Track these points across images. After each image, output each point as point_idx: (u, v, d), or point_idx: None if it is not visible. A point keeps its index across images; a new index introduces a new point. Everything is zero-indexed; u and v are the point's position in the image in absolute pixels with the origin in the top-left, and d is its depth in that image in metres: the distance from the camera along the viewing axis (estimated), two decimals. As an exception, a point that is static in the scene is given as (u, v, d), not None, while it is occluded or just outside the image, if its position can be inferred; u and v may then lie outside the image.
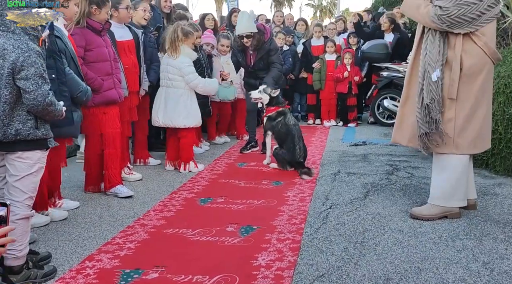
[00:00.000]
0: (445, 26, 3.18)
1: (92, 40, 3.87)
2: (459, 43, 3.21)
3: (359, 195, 3.94)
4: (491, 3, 3.16)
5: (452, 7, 3.13)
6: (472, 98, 3.24)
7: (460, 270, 2.60)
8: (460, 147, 3.30)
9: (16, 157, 2.44)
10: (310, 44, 7.97)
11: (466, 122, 3.26)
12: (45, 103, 2.39)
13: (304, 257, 2.80)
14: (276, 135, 5.04)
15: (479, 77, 3.23)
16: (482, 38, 3.19)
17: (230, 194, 4.06)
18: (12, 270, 2.47)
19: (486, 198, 3.80)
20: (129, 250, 2.93)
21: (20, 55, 2.31)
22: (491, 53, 3.23)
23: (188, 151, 4.91)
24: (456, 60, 3.20)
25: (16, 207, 2.42)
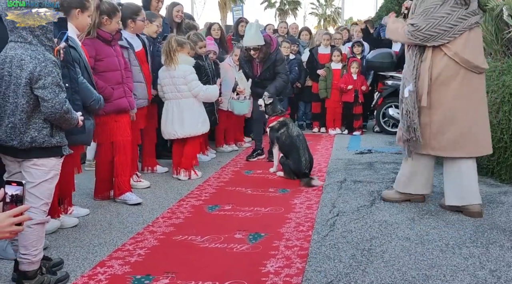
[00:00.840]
0: (419, 41, 3.51)
1: (102, 50, 3.94)
2: (429, 55, 3.52)
3: (365, 203, 3.97)
4: (462, 16, 3.41)
5: (422, 22, 3.45)
6: (446, 105, 3.53)
7: (467, 277, 2.62)
8: (435, 149, 3.63)
9: (32, 164, 2.50)
10: (317, 51, 8.03)
11: (442, 127, 3.56)
12: (62, 110, 2.46)
13: (312, 264, 2.83)
14: (280, 146, 5.08)
15: (451, 85, 3.49)
16: (452, 48, 3.45)
17: (237, 202, 4.10)
18: (26, 275, 2.51)
19: (492, 206, 3.82)
20: (139, 256, 2.97)
21: (37, 65, 2.38)
22: (463, 61, 3.46)
23: (191, 159, 4.96)
24: (425, 71, 3.53)
25: (32, 212, 2.46)
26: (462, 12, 3.41)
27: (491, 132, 4.35)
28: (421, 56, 3.56)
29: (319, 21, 52.13)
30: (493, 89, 4.48)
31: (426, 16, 3.45)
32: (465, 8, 3.43)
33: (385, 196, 4.04)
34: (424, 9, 3.48)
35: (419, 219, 3.56)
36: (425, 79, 3.51)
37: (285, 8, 51.30)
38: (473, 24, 3.46)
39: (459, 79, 3.48)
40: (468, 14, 3.42)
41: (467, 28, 3.43)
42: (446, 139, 3.55)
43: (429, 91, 3.53)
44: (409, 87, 3.57)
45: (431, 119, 3.59)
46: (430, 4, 3.46)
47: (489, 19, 4.88)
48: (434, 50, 3.51)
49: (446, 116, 3.54)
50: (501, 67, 4.64)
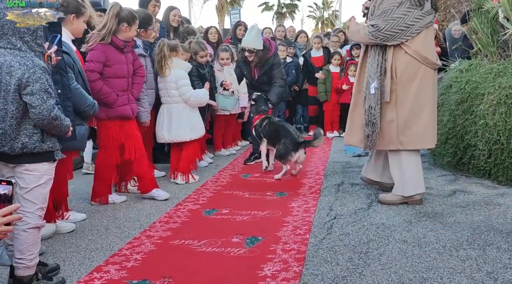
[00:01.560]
0: (379, 40, 3.72)
1: (112, 57, 3.99)
2: (391, 54, 3.75)
3: (363, 206, 3.97)
4: (418, 16, 3.67)
5: (381, 23, 3.68)
6: (410, 101, 3.76)
7: (464, 279, 2.62)
8: (404, 143, 3.80)
9: (24, 170, 2.50)
10: (310, 55, 8.06)
11: (408, 122, 3.77)
12: (50, 117, 2.45)
13: (310, 267, 2.82)
14: (269, 135, 5.25)
15: (414, 82, 3.75)
16: (412, 46, 3.70)
17: (234, 205, 4.10)
18: (22, 281, 2.50)
19: (489, 208, 3.82)
20: (136, 261, 2.96)
21: (26, 72, 2.38)
22: (422, 59, 3.72)
23: (188, 163, 4.96)
24: (388, 69, 3.75)
25: (28, 217, 2.48)
26: (417, 13, 3.67)
27: (488, 134, 4.40)
28: (383, 55, 3.78)
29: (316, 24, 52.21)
30: (489, 91, 4.49)
31: (385, 17, 3.68)
32: (420, 8, 3.69)
33: (382, 200, 4.05)
34: (383, 11, 3.71)
35: (416, 221, 3.56)
36: (388, 76, 3.74)
37: (283, 11, 51.39)
38: (428, 23, 3.74)
39: (420, 76, 3.74)
40: (423, 14, 3.69)
41: (424, 27, 3.70)
42: (414, 133, 3.78)
43: (394, 88, 3.75)
44: (374, 84, 3.76)
45: (397, 115, 3.78)
46: (388, 6, 3.69)
47: (484, 21, 4.89)
48: (395, 48, 3.74)
49: (411, 111, 3.76)
50: (497, 69, 4.65)
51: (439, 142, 5.01)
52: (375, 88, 3.75)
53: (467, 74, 4.90)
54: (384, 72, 3.77)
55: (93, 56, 3.92)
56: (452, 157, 4.89)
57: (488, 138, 4.40)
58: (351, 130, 4.09)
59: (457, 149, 4.81)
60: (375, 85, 3.75)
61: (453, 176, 4.80)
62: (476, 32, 5.05)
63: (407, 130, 3.78)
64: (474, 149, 4.60)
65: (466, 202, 3.96)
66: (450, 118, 4.83)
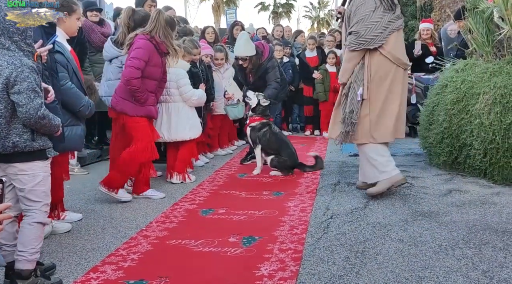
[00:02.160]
0: (362, 46, 3.96)
1: (153, 58, 4.16)
2: (367, 55, 4.01)
3: (359, 205, 3.98)
4: (390, 19, 3.94)
5: (361, 30, 3.93)
6: (382, 98, 4.03)
7: (460, 278, 2.63)
8: (376, 137, 4.08)
9: (18, 171, 2.51)
10: (305, 56, 8.07)
11: (379, 117, 4.04)
12: (37, 116, 2.45)
13: (306, 266, 2.83)
14: (266, 144, 5.20)
15: (386, 81, 4.03)
16: (386, 48, 3.97)
17: (231, 205, 4.10)
18: (20, 275, 2.52)
19: (485, 207, 3.84)
20: (132, 261, 2.96)
21: (14, 71, 2.38)
22: (395, 59, 4.01)
23: (185, 162, 4.95)
24: (366, 70, 4.01)
25: (34, 212, 2.54)
26: (390, 16, 3.95)
27: (483, 133, 4.42)
28: (362, 58, 4.04)
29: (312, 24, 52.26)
30: (485, 90, 4.51)
31: (363, 23, 3.93)
32: (392, 13, 3.97)
33: (370, 192, 4.18)
34: (360, 18, 3.95)
35: (412, 220, 3.57)
36: (365, 75, 4.01)
37: (279, 11, 51.41)
38: (399, 26, 4.03)
39: (392, 75, 4.03)
40: (395, 18, 3.98)
41: (395, 29, 3.99)
42: (385, 127, 4.06)
43: (368, 85, 4.01)
44: (360, 91, 4.00)
45: (370, 111, 4.05)
46: (364, 12, 3.94)
47: (480, 21, 4.91)
48: (370, 51, 4.00)
49: (383, 107, 4.04)
50: (492, 68, 4.66)
51: (435, 141, 5.04)
52: (360, 95, 3.99)
53: (463, 73, 4.92)
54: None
55: (139, 54, 4.06)
56: (447, 156, 4.91)
57: (483, 138, 4.42)
58: (334, 125, 4.30)
59: (452, 149, 4.83)
60: (361, 92, 3.99)
61: (449, 175, 4.81)
62: (471, 31, 5.07)
63: (379, 125, 4.06)
64: (469, 149, 4.62)
65: (462, 201, 3.98)
66: (446, 117, 4.85)
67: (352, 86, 4.06)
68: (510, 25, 4.65)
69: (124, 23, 4.42)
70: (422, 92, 6.92)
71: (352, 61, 4.09)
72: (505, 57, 4.77)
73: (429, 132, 5.19)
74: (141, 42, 4.10)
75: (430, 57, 7.32)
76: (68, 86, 3.40)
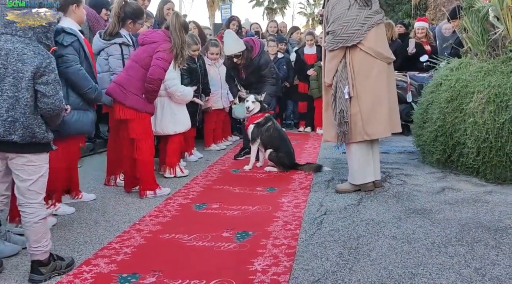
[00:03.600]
0: (340, 45, 3.96)
1: None
2: (348, 53, 4.02)
3: (352, 202, 3.98)
4: (367, 15, 3.95)
5: (337, 29, 3.94)
6: (369, 94, 4.02)
7: (452, 275, 2.64)
8: (370, 134, 4.07)
9: (27, 161, 2.52)
10: (303, 52, 8.04)
11: (370, 113, 4.04)
12: (60, 108, 2.52)
13: (300, 262, 2.83)
14: (268, 140, 5.18)
15: (370, 76, 4.01)
16: (366, 44, 3.96)
17: (225, 200, 4.09)
18: (42, 263, 2.61)
19: (477, 205, 3.86)
20: (125, 254, 2.94)
21: (43, 61, 2.43)
22: (376, 54, 4.00)
23: (173, 156, 4.95)
24: (348, 67, 4.01)
25: (35, 208, 2.56)
26: (367, 12, 3.96)
27: (476, 132, 4.44)
28: (344, 57, 4.03)
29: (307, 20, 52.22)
30: (479, 89, 4.53)
31: (339, 22, 3.94)
32: (368, 8, 3.97)
33: (339, 189, 4.30)
34: (335, 17, 3.97)
35: (406, 218, 3.58)
36: (348, 73, 4.01)
37: (274, 7, 51.32)
38: (378, 21, 4.01)
39: (375, 70, 4.02)
40: (372, 13, 3.98)
41: (374, 24, 3.98)
42: (378, 123, 4.06)
43: (353, 83, 4.01)
44: (346, 89, 4.00)
45: (360, 108, 4.05)
46: (339, 11, 3.95)
47: (475, 20, 4.92)
48: (350, 48, 4.00)
49: (372, 103, 4.03)
50: (486, 67, 4.68)
51: (428, 139, 5.06)
52: (348, 93, 4.00)
53: (457, 72, 4.94)
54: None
55: (168, 57, 4.11)
56: (441, 154, 4.93)
57: (477, 136, 4.44)
58: (328, 128, 4.34)
59: (446, 147, 4.85)
60: (347, 90, 3.99)
61: (442, 174, 4.84)
62: (466, 30, 5.08)
63: (371, 121, 4.06)
64: (463, 147, 4.64)
65: (455, 199, 4.00)
66: (440, 115, 4.86)
67: (338, 86, 4.06)
68: (505, 24, 4.67)
69: (115, 13, 4.41)
70: (416, 90, 6.94)
71: (333, 61, 4.09)
72: (499, 56, 4.79)
73: (423, 130, 5.21)
74: (167, 45, 4.10)
75: (425, 56, 7.34)
76: (77, 67, 3.59)
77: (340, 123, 4.05)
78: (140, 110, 4.11)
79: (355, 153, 4.19)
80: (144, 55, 4.11)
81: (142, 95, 4.11)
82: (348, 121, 4.02)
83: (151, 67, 4.05)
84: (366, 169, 4.20)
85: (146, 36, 4.20)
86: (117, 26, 4.40)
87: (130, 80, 4.10)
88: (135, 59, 4.18)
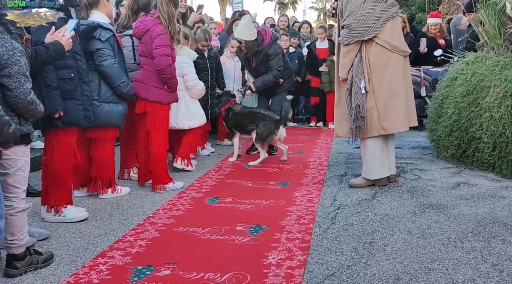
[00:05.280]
0: (356, 39, 3.92)
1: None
2: (363, 47, 3.97)
3: (366, 197, 3.96)
4: (383, 9, 3.91)
5: (353, 23, 3.90)
6: (385, 88, 3.98)
7: (469, 271, 2.61)
8: (386, 128, 4.03)
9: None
10: (315, 46, 8.00)
11: (387, 108, 3.99)
12: (26, 101, 2.44)
13: (314, 256, 2.82)
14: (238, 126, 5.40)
15: (387, 70, 3.97)
16: (381, 37, 3.92)
17: (238, 194, 4.09)
18: (16, 257, 2.59)
19: (493, 200, 3.81)
20: (140, 247, 2.95)
21: (5, 53, 2.35)
22: (392, 47, 3.95)
23: (188, 149, 4.95)
24: (364, 62, 3.97)
25: (13, 201, 2.54)
26: (383, 6, 3.92)
27: (493, 127, 4.38)
28: (359, 51, 3.99)
29: (318, 15, 51.91)
30: (496, 83, 4.46)
31: (354, 15, 3.90)
32: (384, 1, 3.93)
33: (352, 183, 4.26)
34: (351, 10, 3.93)
35: (421, 212, 3.55)
36: (364, 67, 3.97)
37: (285, 1, 51.08)
38: (393, 14, 3.97)
39: (392, 64, 3.98)
40: (388, 6, 3.94)
41: (390, 17, 3.93)
42: (394, 117, 4.01)
43: (369, 77, 3.97)
44: (362, 83, 3.96)
45: (376, 103, 4.00)
46: (354, 4, 3.92)
47: (492, 13, 4.84)
48: (366, 42, 3.95)
49: (388, 97, 3.99)
50: (503, 61, 4.61)
51: (443, 134, 5.01)
52: (364, 88, 3.97)
53: (473, 66, 4.87)
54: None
55: (164, 40, 4.07)
56: (456, 149, 4.88)
57: (493, 131, 4.38)
58: (340, 123, 4.31)
59: (461, 142, 4.79)
60: (364, 85, 3.96)
61: (457, 169, 4.78)
62: (482, 24, 5.01)
63: (387, 115, 4.01)
64: (478, 142, 4.58)
65: (470, 195, 3.95)
66: (455, 110, 4.80)
67: (354, 80, 4.01)
68: (523, 17, 4.60)
69: (129, 6, 4.44)
70: (430, 85, 6.87)
71: (348, 55, 4.04)
72: (516, 50, 4.71)
73: (438, 125, 5.15)
74: (158, 28, 4.07)
75: (439, 50, 7.25)
76: (111, 62, 3.69)
77: (356, 118, 4.01)
78: (164, 102, 4.18)
79: (370, 148, 4.13)
80: (147, 47, 4.14)
81: (164, 86, 4.16)
82: (365, 116, 3.98)
83: (155, 59, 4.07)
84: (382, 164, 4.15)
85: (138, 28, 4.20)
86: (131, 19, 4.40)
87: (148, 75, 4.14)
88: (143, 54, 4.22)
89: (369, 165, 4.18)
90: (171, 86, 4.21)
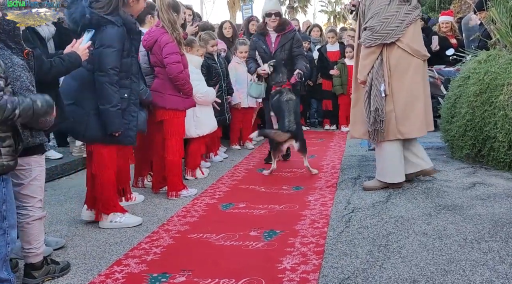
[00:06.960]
0: (379, 41, 3.87)
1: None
2: (384, 50, 3.92)
3: (381, 199, 3.93)
4: (407, 11, 3.85)
5: (376, 25, 3.84)
6: (405, 92, 3.95)
7: (487, 272, 2.58)
8: (403, 133, 4.00)
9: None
10: (326, 50, 7.99)
11: (404, 112, 3.96)
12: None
13: (329, 260, 2.81)
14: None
15: (407, 74, 3.94)
16: (404, 41, 3.87)
17: (251, 199, 4.09)
18: (34, 266, 2.61)
19: (510, 200, 3.75)
20: (155, 254, 2.97)
21: (5, 71, 2.31)
22: (413, 51, 3.92)
23: (195, 158, 4.95)
24: (383, 64, 3.92)
25: (29, 210, 2.57)
26: (407, 8, 3.86)
27: (508, 125, 4.33)
28: (380, 53, 3.95)
29: (328, 18, 51.84)
30: (509, 81, 4.41)
31: (378, 18, 3.84)
32: (408, 4, 3.88)
33: (366, 186, 4.23)
34: (374, 12, 3.87)
35: (436, 214, 3.51)
36: (384, 70, 3.92)
37: (295, 5, 51.12)
38: (416, 17, 3.93)
39: (412, 68, 3.94)
40: (411, 9, 3.88)
41: (412, 21, 3.89)
42: (411, 123, 3.98)
43: (389, 81, 3.93)
44: (382, 86, 3.92)
45: (394, 107, 3.97)
46: (379, 6, 3.86)
47: (503, 10, 4.80)
48: (388, 45, 3.90)
49: (407, 102, 3.96)
50: (516, 59, 4.57)
51: (457, 134, 4.95)
52: (384, 91, 3.92)
53: (486, 64, 4.82)
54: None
55: (173, 48, 4.11)
56: (470, 149, 4.82)
57: (508, 130, 4.32)
58: (355, 124, 4.27)
59: (475, 141, 4.74)
60: (384, 88, 3.92)
61: (472, 169, 4.73)
62: (494, 22, 4.96)
63: (405, 120, 3.98)
64: (493, 141, 4.52)
65: (487, 195, 3.90)
66: (469, 109, 4.75)
67: (373, 83, 3.96)
68: (535, 14, 4.54)
69: None
70: (442, 84, 6.81)
71: (369, 57, 3.99)
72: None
73: (451, 125, 5.10)
74: (165, 37, 4.11)
75: (451, 49, 7.19)
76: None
77: (375, 121, 3.96)
78: (181, 108, 4.23)
79: (386, 152, 4.09)
80: (158, 57, 4.18)
81: (180, 93, 4.21)
82: (384, 119, 3.93)
83: (166, 68, 4.12)
84: (398, 167, 4.10)
85: (146, 41, 4.24)
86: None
87: (163, 83, 4.20)
88: (155, 64, 4.26)
89: (384, 167, 4.15)
90: (186, 91, 4.25)
